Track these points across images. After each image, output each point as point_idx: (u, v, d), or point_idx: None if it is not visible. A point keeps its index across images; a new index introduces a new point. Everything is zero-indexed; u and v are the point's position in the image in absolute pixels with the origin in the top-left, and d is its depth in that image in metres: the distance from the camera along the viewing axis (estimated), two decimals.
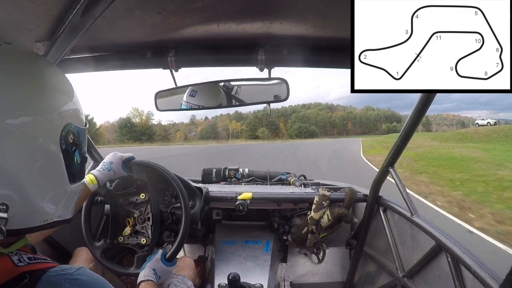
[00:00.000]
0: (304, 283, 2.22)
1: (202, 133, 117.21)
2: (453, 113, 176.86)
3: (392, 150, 1.54)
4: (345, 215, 1.78)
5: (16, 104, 0.59)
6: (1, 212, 0.57)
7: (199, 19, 0.92)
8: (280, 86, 1.20)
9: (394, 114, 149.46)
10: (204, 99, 1.28)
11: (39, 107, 0.63)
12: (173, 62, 1.13)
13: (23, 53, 0.69)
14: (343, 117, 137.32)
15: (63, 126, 0.66)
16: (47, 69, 0.70)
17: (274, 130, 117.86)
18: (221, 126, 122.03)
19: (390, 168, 1.59)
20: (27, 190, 0.60)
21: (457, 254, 1.16)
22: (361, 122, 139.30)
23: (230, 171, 2.36)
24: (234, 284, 1.34)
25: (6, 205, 0.58)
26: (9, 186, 0.58)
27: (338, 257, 2.26)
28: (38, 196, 0.62)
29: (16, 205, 0.59)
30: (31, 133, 0.60)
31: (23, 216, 0.61)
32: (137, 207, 1.57)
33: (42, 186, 0.63)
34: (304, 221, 1.90)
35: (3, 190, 0.58)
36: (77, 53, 1.17)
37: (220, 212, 2.03)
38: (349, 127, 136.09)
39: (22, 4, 0.73)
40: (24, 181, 0.60)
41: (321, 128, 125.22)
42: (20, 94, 0.60)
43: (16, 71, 0.63)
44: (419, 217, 1.47)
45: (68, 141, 0.67)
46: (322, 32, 1.02)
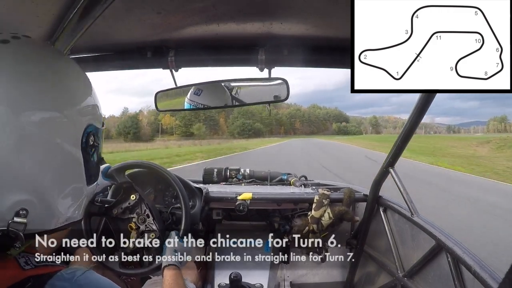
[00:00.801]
0: (304, 283, 2.22)
1: (120, 128, 78.18)
2: (394, 115, 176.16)
3: (392, 150, 1.54)
4: (346, 212, 1.79)
5: (33, 100, 0.57)
6: (21, 217, 0.56)
7: (199, 19, 0.92)
8: (280, 86, 1.19)
9: (341, 113, 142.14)
10: (210, 98, 1.27)
11: (58, 102, 0.60)
12: (173, 62, 1.13)
13: (37, 45, 0.68)
14: (291, 115, 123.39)
15: (85, 127, 0.64)
16: (64, 62, 0.68)
17: (213, 126, 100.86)
18: (148, 120, 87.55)
19: (390, 168, 1.59)
20: (47, 195, 0.59)
21: (457, 254, 1.16)
22: (310, 120, 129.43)
23: (231, 171, 2.36)
24: (236, 283, 1.34)
25: (26, 210, 0.57)
26: (29, 191, 0.57)
27: (339, 257, 2.26)
28: (56, 200, 0.61)
29: (35, 209, 0.58)
30: (51, 134, 0.58)
31: (40, 220, 0.60)
32: (132, 210, 1.57)
33: (61, 190, 0.62)
34: (304, 221, 1.90)
35: (23, 195, 0.57)
36: (77, 53, 1.16)
37: (221, 212, 2.03)
38: (297, 125, 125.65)
39: (22, 4, 0.73)
40: (44, 185, 0.59)
41: (267, 126, 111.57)
42: (36, 89, 0.58)
43: (31, 64, 0.61)
44: (419, 217, 1.47)
45: (89, 143, 0.66)
46: (322, 32, 1.02)
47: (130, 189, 1.55)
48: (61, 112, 0.60)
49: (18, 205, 0.56)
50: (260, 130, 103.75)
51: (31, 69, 0.59)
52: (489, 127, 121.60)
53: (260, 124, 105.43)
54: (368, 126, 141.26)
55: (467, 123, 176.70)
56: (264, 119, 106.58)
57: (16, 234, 0.56)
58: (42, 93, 0.58)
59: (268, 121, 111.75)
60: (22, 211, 0.56)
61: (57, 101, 0.60)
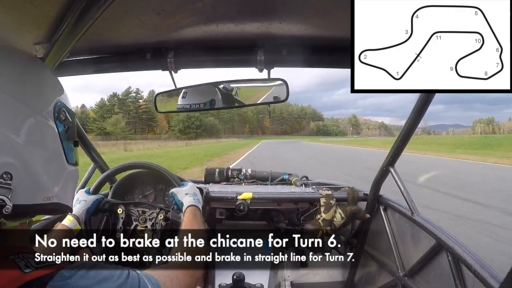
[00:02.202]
0: (304, 282, 2.22)
1: None
2: (363, 117, 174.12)
3: (392, 150, 1.54)
4: (358, 211, 1.80)
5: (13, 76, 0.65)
6: (5, 180, 0.57)
7: (198, 20, 0.92)
8: (279, 86, 1.19)
9: (315, 112, 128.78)
10: (195, 99, 1.28)
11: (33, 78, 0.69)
12: (173, 63, 1.13)
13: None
14: (258, 110, 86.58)
15: (55, 101, 0.71)
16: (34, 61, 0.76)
17: (146, 122, 70.02)
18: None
19: (390, 168, 1.59)
20: (28, 160, 0.62)
21: (457, 253, 1.17)
22: (282, 118, 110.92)
23: (232, 172, 2.37)
24: (239, 283, 1.35)
25: (10, 174, 0.58)
26: (11, 154, 0.59)
27: (339, 256, 2.26)
28: (38, 168, 0.64)
29: (19, 174, 0.60)
30: (27, 103, 0.64)
31: (26, 190, 0.62)
32: (129, 221, 1.58)
33: (42, 158, 0.65)
34: (316, 225, 1.89)
35: (5, 158, 0.58)
36: (76, 55, 1.16)
37: (221, 212, 2.04)
38: (266, 123, 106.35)
39: (21, 6, 0.73)
40: (25, 150, 0.61)
41: (225, 123, 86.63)
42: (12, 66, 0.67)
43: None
44: (419, 216, 1.47)
45: (61, 118, 0.71)
46: (322, 32, 1.02)
47: (112, 206, 1.56)
48: (37, 83, 0.70)
49: (1, 168, 0.58)
50: (215, 128, 73.83)
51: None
52: (474, 129, 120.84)
53: (214, 119, 74.44)
54: (349, 126, 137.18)
55: (437, 126, 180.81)
56: (221, 113, 77.19)
57: (2, 199, 0.57)
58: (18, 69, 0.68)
59: (228, 116, 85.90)
60: (6, 174, 0.58)
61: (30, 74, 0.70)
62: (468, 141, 38.62)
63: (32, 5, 0.72)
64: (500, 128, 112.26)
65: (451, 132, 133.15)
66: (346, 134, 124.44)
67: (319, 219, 1.86)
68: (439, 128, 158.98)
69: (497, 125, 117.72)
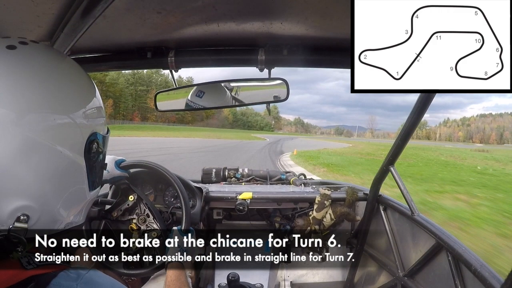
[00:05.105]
0: (304, 282, 2.22)
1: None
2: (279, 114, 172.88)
3: (392, 149, 1.54)
4: (347, 213, 1.80)
5: (38, 106, 0.57)
6: (22, 223, 0.57)
7: (199, 19, 0.92)
8: (280, 86, 1.20)
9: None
10: (211, 99, 1.28)
11: (63, 108, 0.60)
12: (173, 62, 1.13)
13: (44, 51, 0.66)
14: (128, 81, 62.42)
15: (89, 135, 0.64)
16: (69, 67, 0.68)
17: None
18: None
19: (391, 167, 1.59)
20: (48, 200, 0.60)
21: (457, 253, 1.16)
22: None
23: (229, 171, 2.37)
24: (234, 284, 1.34)
25: (27, 216, 0.57)
26: (30, 197, 0.58)
27: (339, 256, 2.26)
28: (58, 206, 0.62)
29: (36, 215, 0.59)
30: (54, 141, 0.58)
31: (41, 225, 0.61)
32: (132, 211, 1.57)
33: (63, 196, 0.63)
34: (306, 221, 1.91)
35: (24, 201, 0.57)
36: (77, 54, 1.16)
37: (221, 212, 2.04)
38: (151, 105, 54.44)
39: (22, 4, 0.73)
40: (45, 191, 0.59)
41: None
42: (41, 95, 0.58)
43: (37, 70, 0.60)
44: (419, 215, 1.47)
45: (92, 150, 0.66)
46: (322, 32, 1.02)
47: (127, 190, 1.55)
48: (66, 118, 0.60)
49: (19, 211, 0.57)
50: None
51: (36, 76, 0.59)
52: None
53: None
54: (271, 120, 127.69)
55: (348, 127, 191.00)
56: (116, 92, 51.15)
57: (18, 238, 0.56)
58: (47, 99, 0.59)
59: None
60: (23, 216, 0.57)
61: (62, 107, 0.60)
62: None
63: (33, 3, 0.72)
64: (436, 133, 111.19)
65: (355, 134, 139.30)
66: (276, 130, 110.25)
67: (310, 216, 1.87)
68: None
69: (428, 127, 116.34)
